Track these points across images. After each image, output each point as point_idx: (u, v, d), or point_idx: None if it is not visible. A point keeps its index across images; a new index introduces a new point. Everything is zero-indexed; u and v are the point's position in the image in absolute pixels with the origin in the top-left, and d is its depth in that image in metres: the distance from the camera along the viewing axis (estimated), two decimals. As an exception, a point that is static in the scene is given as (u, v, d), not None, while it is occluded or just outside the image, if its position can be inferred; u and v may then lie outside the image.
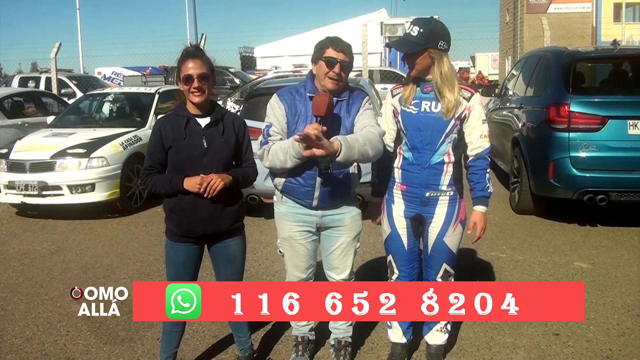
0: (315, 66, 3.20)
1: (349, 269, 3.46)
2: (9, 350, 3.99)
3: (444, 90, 3.12)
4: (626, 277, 5.07)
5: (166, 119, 3.24)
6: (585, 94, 6.88)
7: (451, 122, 3.16)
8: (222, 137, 3.19)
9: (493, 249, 5.87)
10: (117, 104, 9.69)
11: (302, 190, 3.25)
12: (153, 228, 6.94)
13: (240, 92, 13.18)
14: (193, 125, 3.16)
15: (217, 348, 3.93)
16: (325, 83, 3.15)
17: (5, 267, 5.75)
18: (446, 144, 3.19)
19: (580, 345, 3.88)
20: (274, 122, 3.21)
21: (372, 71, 17.78)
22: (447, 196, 3.27)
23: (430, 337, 3.58)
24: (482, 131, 3.19)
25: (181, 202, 3.14)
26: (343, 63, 3.13)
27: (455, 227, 3.31)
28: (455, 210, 3.29)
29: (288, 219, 3.36)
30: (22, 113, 10.95)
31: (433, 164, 3.20)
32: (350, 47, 3.19)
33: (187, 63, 3.10)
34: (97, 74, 27.03)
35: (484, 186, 3.23)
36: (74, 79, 17.84)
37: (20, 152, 7.64)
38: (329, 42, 3.16)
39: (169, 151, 3.14)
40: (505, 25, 39.32)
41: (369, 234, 6.30)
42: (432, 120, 3.17)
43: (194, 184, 3.05)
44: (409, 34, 3.12)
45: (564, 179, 6.34)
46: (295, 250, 3.40)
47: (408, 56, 3.16)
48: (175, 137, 3.13)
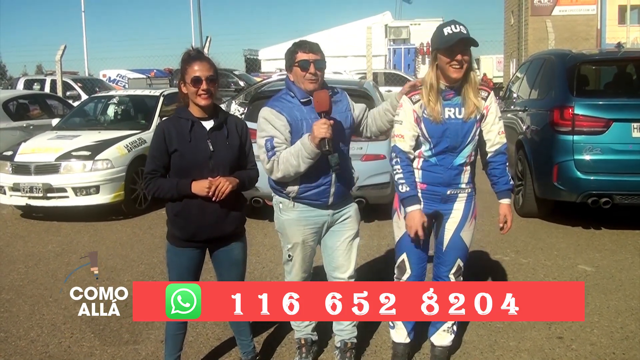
0: (292, 73, 3.29)
1: (353, 265, 3.53)
2: (14, 352, 4.01)
3: (470, 93, 3.18)
4: (630, 281, 5.06)
5: (169, 122, 3.20)
6: (590, 96, 6.85)
7: (475, 125, 3.24)
8: (227, 140, 3.18)
9: (497, 251, 5.86)
10: (122, 107, 9.71)
11: (318, 191, 3.30)
12: (157, 230, 6.96)
13: (244, 95, 13.20)
14: (198, 129, 3.13)
15: (221, 350, 3.94)
16: (305, 86, 3.23)
17: (9, 269, 5.77)
18: (470, 146, 3.27)
19: (583, 349, 3.87)
20: (275, 134, 3.22)
21: (376, 74, 17.78)
22: (465, 193, 3.35)
23: (436, 338, 3.58)
24: (499, 128, 3.30)
25: (188, 206, 3.12)
26: (316, 62, 3.21)
27: (471, 223, 3.41)
28: (472, 206, 3.40)
29: (301, 223, 3.38)
30: (27, 115, 10.99)
31: (456, 165, 3.27)
32: (317, 45, 3.29)
33: (193, 65, 3.08)
34: (102, 77, 27.12)
35: (507, 180, 3.33)
36: (79, 82, 17.90)
37: (25, 155, 7.67)
38: (297, 47, 3.27)
39: (172, 155, 3.11)
40: (510, 27, 39.26)
41: (372, 236, 6.31)
42: (459, 126, 3.20)
43: (202, 187, 3.04)
44: (461, 31, 3.04)
45: (568, 182, 6.33)
46: (305, 253, 3.45)
47: (464, 54, 3.07)
48: (180, 140, 3.10)
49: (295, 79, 3.28)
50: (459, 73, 3.10)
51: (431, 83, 3.16)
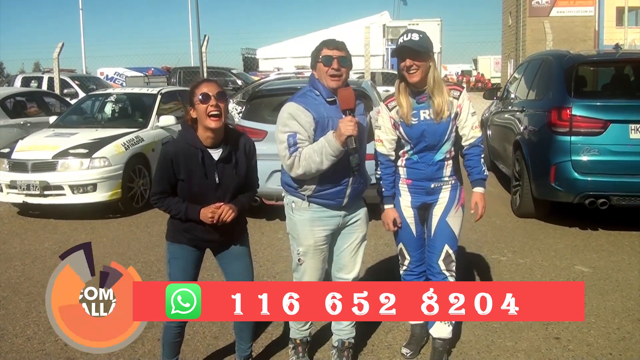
0: (316, 70, 3.27)
1: (358, 267, 3.55)
2: (10, 349, 4.00)
3: (435, 94, 3.33)
4: (627, 281, 5.07)
5: (176, 147, 3.12)
6: (587, 97, 6.87)
7: (450, 123, 3.41)
8: (235, 169, 3.16)
9: (494, 252, 5.87)
10: (119, 105, 9.71)
11: (334, 190, 3.29)
12: (154, 229, 6.95)
13: (242, 94, 13.20)
14: (206, 160, 3.09)
15: (218, 348, 3.94)
16: (328, 83, 3.21)
17: (6, 266, 5.76)
18: (448, 143, 3.44)
19: (580, 349, 3.88)
20: (299, 130, 3.17)
21: (374, 73, 17.81)
22: (449, 185, 3.53)
23: (434, 330, 3.63)
24: (472, 123, 3.45)
25: (193, 224, 3.16)
26: (340, 58, 3.20)
27: (457, 209, 3.55)
28: (457, 194, 3.56)
29: (314, 224, 3.36)
30: (24, 113, 10.97)
31: (437, 161, 3.45)
32: (343, 43, 3.28)
33: (201, 86, 3.05)
34: (100, 75, 27.08)
35: (480, 170, 3.50)
36: (77, 79, 17.86)
37: (22, 152, 7.66)
38: (323, 44, 3.27)
39: (179, 182, 3.11)
40: (508, 28, 39.35)
41: (370, 236, 6.25)
42: (435, 127, 3.38)
43: (207, 216, 3.08)
44: (411, 39, 3.28)
45: (565, 183, 6.34)
46: (317, 254, 3.42)
47: (415, 60, 3.28)
48: (187, 171, 3.07)
49: (319, 75, 3.26)
50: (413, 77, 3.31)
51: (399, 89, 3.41)
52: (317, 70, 3.26)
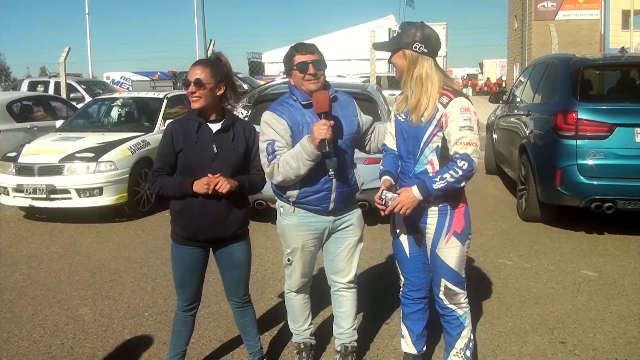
0: (292, 77, 3.28)
1: (354, 271, 3.52)
2: (16, 352, 4.02)
3: (414, 92, 3.02)
4: (633, 286, 5.05)
5: (178, 122, 3.28)
6: (593, 101, 6.85)
7: (428, 130, 3.01)
8: (232, 143, 3.22)
9: (500, 256, 5.86)
10: (125, 109, 9.76)
11: (318, 196, 3.27)
12: (160, 232, 6.96)
13: (248, 98, 13.21)
14: (204, 130, 3.20)
15: (223, 353, 3.94)
16: (306, 86, 3.21)
17: (13, 269, 5.78)
18: (428, 153, 3.05)
19: (586, 354, 3.86)
20: (276, 137, 3.21)
21: (380, 77, 17.80)
22: (436, 209, 3.09)
23: None
24: (458, 137, 2.92)
25: (189, 205, 3.17)
26: (314, 62, 3.20)
27: (447, 240, 3.09)
28: (446, 221, 3.09)
29: (301, 229, 3.36)
30: (31, 117, 11.03)
31: (417, 173, 3.09)
32: (314, 46, 3.29)
33: (193, 68, 3.19)
34: (106, 79, 27.22)
35: (435, 179, 2.94)
36: (83, 84, 17.95)
37: (28, 156, 7.69)
38: (294, 50, 3.26)
39: (179, 154, 3.18)
40: (514, 31, 39.32)
41: (376, 239, 6.31)
42: (411, 128, 3.08)
43: (201, 185, 3.08)
44: (392, 35, 3.15)
45: (571, 187, 6.33)
46: (305, 258, 3.43)
47: (390, 57, 3.15)
48: (186, 141, 3.17)
49: (295, 82, 3.27)
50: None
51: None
52: (293, 77, 3.26)
